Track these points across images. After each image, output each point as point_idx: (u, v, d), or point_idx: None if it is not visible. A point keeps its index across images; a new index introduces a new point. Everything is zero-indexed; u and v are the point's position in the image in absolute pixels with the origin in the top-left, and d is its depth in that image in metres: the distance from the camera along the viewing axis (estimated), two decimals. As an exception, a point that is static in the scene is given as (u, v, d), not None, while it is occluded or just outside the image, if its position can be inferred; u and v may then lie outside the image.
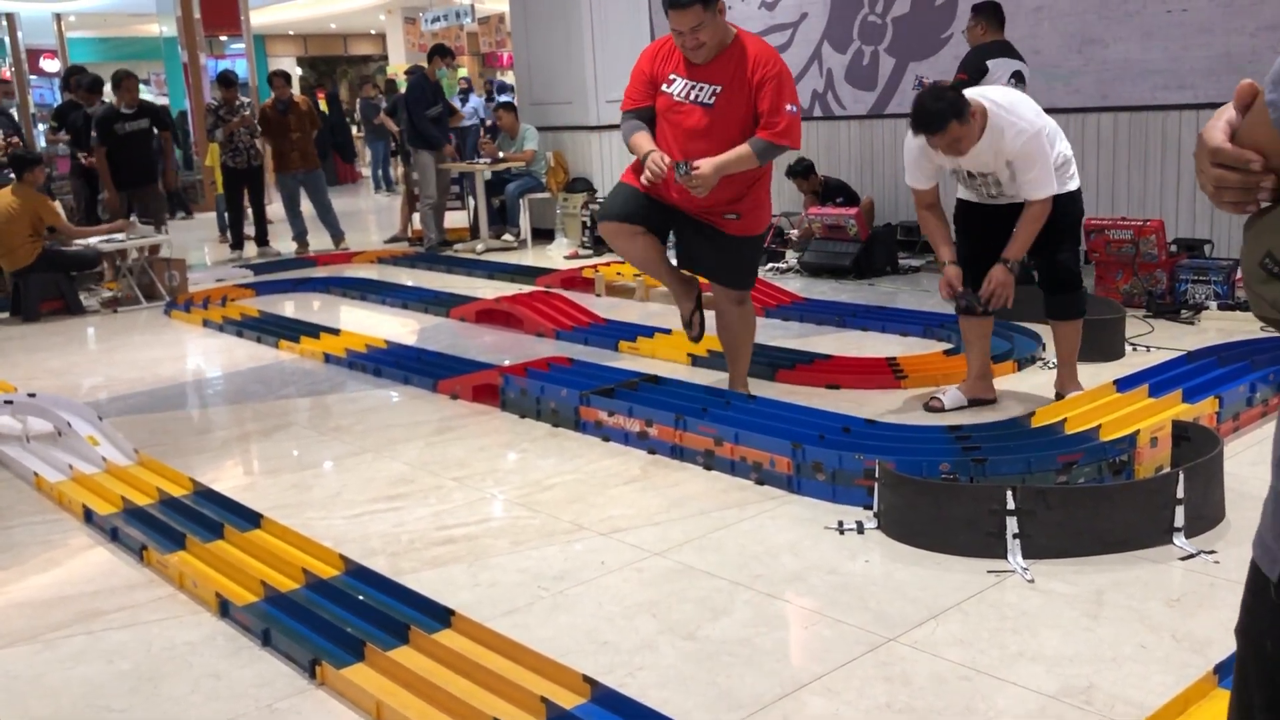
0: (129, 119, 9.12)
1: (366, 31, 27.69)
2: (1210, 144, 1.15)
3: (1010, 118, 4.08)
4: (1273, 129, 1.09)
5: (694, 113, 4.22)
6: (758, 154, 4.17)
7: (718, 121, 4.19)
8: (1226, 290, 5.95)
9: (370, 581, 3.09)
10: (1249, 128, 1.13)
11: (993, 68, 6.32)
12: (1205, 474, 3.22)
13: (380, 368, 5.68)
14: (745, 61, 4.18)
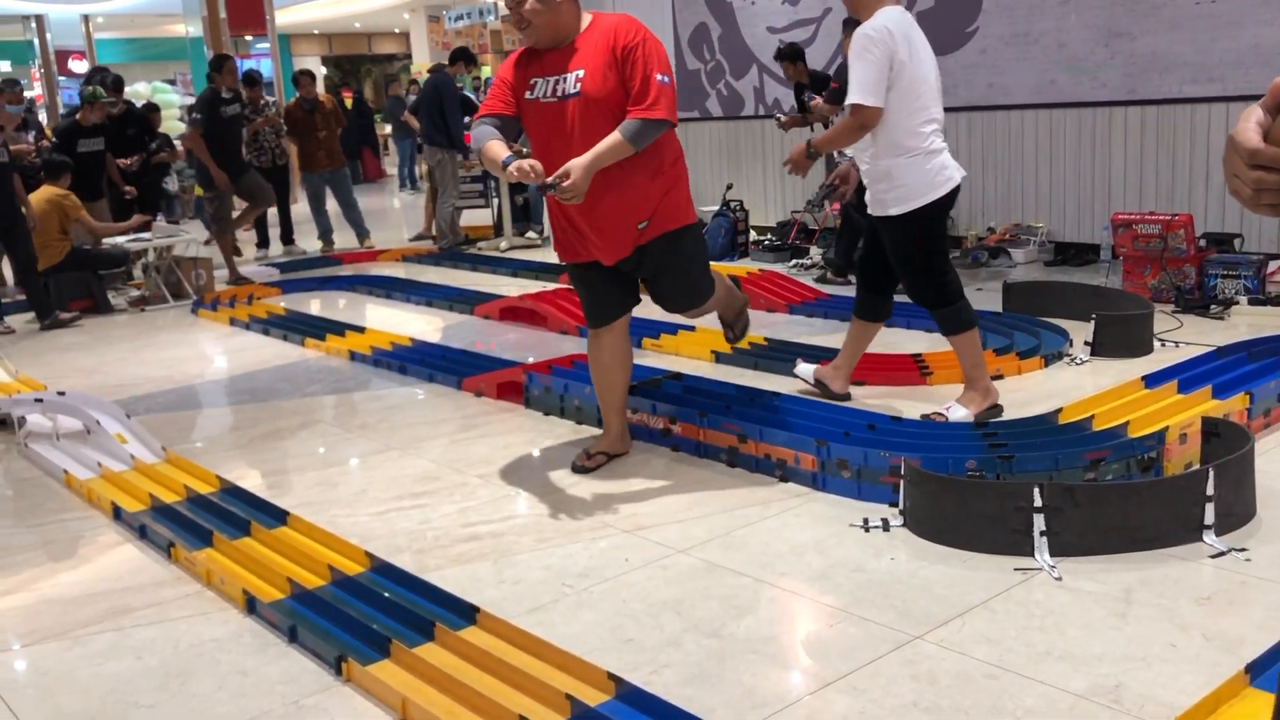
0: (228, 103, 9.21)
1: (390, 30, 27.78)
2: (1246, 146, 1.12)
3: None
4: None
5: (564, 108, 3.71)
6: (630, 138, 3.57)
7: (588, 109, 3.66)
8: (1257, 285, 5.89)
9: (396, 578, 3.10)
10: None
11: None
12: (1236, 471, 3.19)
13: (405, 365, 5.70)
14: (605, 36, 3.66)
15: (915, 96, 4.09)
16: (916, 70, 4.07)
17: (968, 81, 8.18)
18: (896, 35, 4.00)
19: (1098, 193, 7.58)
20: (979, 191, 8.28)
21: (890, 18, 4.02)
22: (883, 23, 3.99)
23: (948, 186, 4.18)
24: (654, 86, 3.60)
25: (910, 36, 4.07)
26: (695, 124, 10.29)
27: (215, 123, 9.00)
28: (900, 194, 4.15)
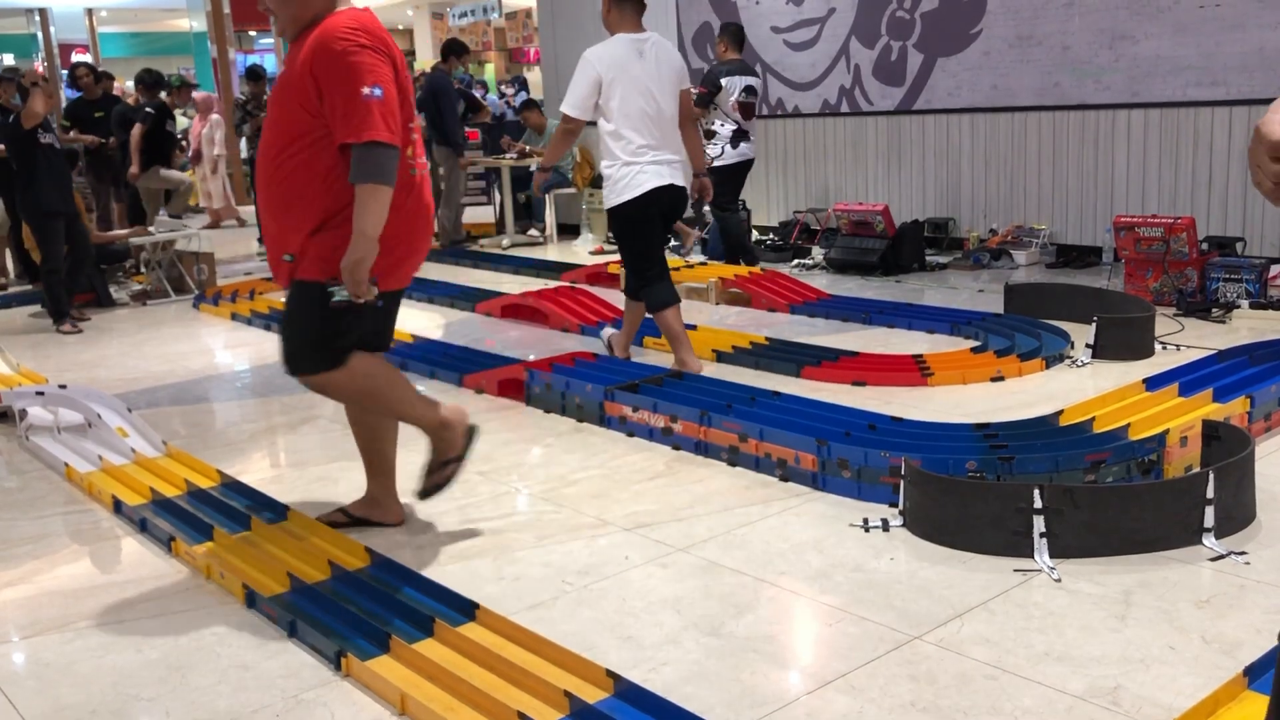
0: None
1: (394, 27, 27.74)
2: (1272, 138, 1.11)
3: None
4: None
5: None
6: (360, 176, 2.93)
7: (267, 130, 3.12)
8: (1259, 289, 5.89)
9: (396, 574, 3.11)
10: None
11: (726, 84, 7.56)
12: (1236, 474, 3.19)
13: (406, 362, 5.70)
14: (307, 45, 2.99)
15: (624, 115, 4.85)
16: (625, 91, 4.83)
17: (971, 83, 8.18)
18: (606, 60, 4.83)
19: (1100, 195, 7.59)
20: (981, 192, 8.28)
21: (613, 45, 4.87)
22: (602, 48, 4.85)
23: (638, 191, 4.89)
24: (359, 105, 2.91)
25: (626, 64, 4.84)
26: (698, 123, 10.28)
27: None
28: (609, 192, 4.98)
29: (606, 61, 4.83)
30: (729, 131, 7.65)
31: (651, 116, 4.89)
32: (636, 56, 4.86)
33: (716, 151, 7.61)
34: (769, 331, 5.94)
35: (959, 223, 8.42)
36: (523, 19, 20.57)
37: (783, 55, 9.48)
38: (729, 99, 7.57)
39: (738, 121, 7.65)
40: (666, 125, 4.95)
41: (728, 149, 7.67)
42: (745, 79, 7.65)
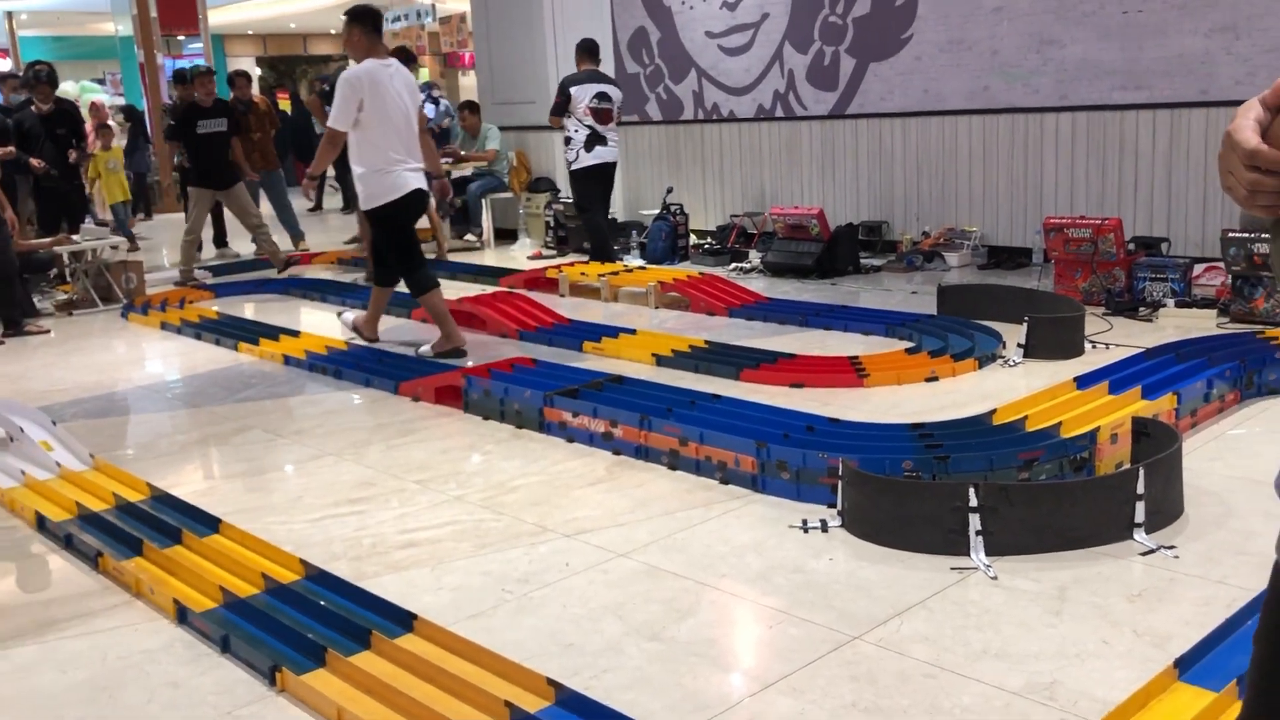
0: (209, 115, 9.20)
1: (327, 31, 27.44)
2: (1246, 145, 1.08)
3: None
4: None
5: None
6: None
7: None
8: (1184, 288, 6.03)
9: (331, 586, 3.05)
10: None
11: (576, 92, 8.17)
12: (1165, 470, 3.25)
13: (341, 370, 5.63)
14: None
15: (380, 129, 5.68)
16: (381, 109, 5.67)
17: (903, 87, 8.29)
18: (366, 80, 5.65)
19: (1030, 197, 7.72)
20: (914, 195, 8.39)
21: (366, 68, 5.69)
22: (359, 71, 5.68)
23: (400, 193, 5.75)
24: None
25: (380, 84, 5.69)
26: (635, 127, 10.30)
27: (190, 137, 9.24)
28: (365, 195, 5.82)
29: (366, 81, 5.66)
30: (583, 137, 8.13)
31: (401, 129, 5.75)
32: (388, 78, 5.75)
33: (572, 156, 8.23)
34: (708, 334, 5.95)
35: (892, 225, 8.52)
36: (457, 24, 20.43)
37: (717, 60, 9.52)
38: (580, 106, 8.12)
39: (592, 127, 8.10)
40: (412, 137, 5.82)
41: (582, 153, 8.17)
42: (597, 86, 8.20)
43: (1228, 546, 3.10)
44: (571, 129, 8.20)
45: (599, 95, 8.15)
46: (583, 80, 8.22)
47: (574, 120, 8.15)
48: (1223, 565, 2.98)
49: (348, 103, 5.65)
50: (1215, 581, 2.89)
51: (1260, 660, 1.24)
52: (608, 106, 8.20)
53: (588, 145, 8.17)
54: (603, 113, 8.18)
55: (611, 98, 8.25)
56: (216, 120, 9.13)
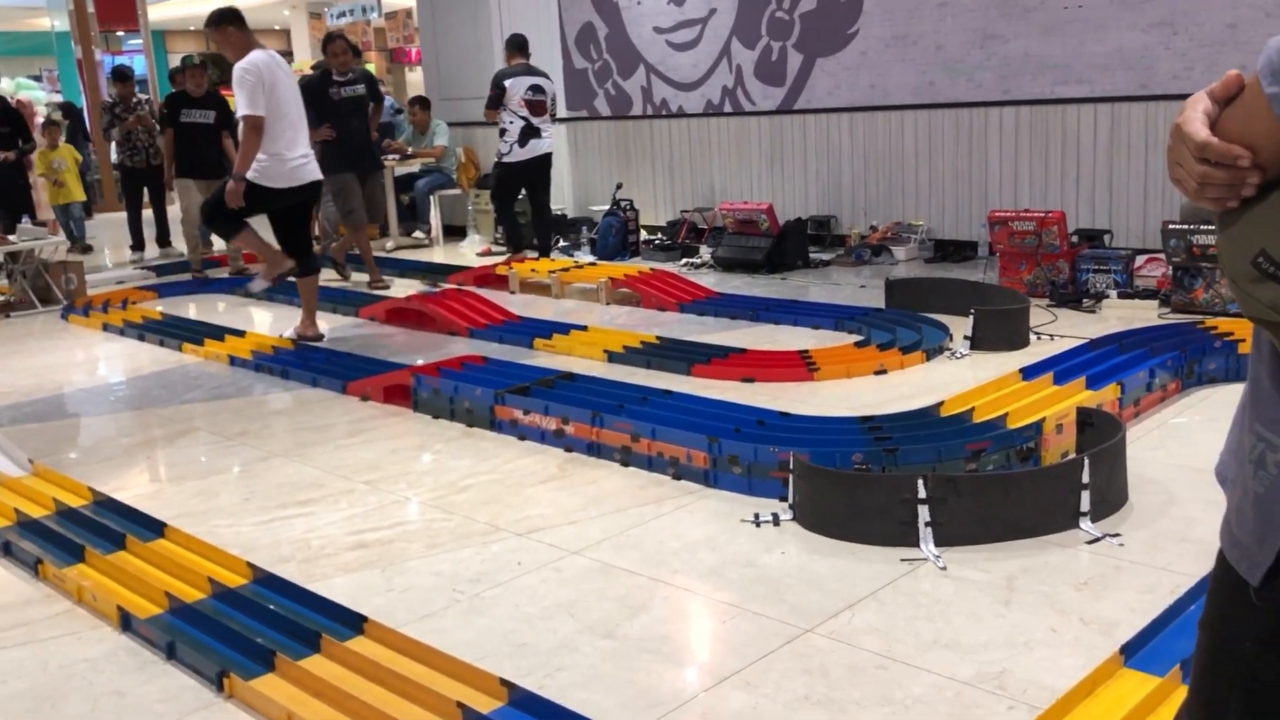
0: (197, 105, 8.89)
1: (271, 27, 27.07)
2: (1196, 139, 1.09)
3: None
4: (1270, 123, 1.04)
5: None
6: None
7: None
8: (1126, 279, 6.12)
9: (280, 589, 3.01)
10: (1237, 122, 1.09)
11: (510, 85, 8.28)
12: (1109, 459, 3.30)
13: (288, 370, 5.56)
14: None
15: (280, 115, 5.80)
16: (279, 95, 5.79)
17: (849, 82, 8.34)
18: (262, 68, 5.76)
19: (975, 191, 7.80)
20: (861, 190, 8.45)
21: (260, 58, 5.80)
22: (254, 61, 5.77)
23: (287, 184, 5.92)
24: None
25: (275, 72, 5.82)
26: (584, 123, 10.28)
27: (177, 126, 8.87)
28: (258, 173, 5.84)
29: (262, 69, 5.76)
30: (518, 130, 8.27)
31: (294, 119, 5.92)
32: (279, 68, 5.90)
33: (506, 148, 8.37)
34: (659, 330, 5.95)
35: (841, 220, 8.58)
36: (403, 19, 20.25)
37: (666, 55, 9.52)
38: (515, 98, 8.25)
39: (526, 119, 8.24)
40: (304, 126, 6.02)
41: (516, 146, 8.30)
42: (530, 79, 8.33)
43: (1171, 534, 3.16)
44: (506, 121, 8.32)
45: (533, 88, 8.28)
46: (516, 74, 8.34)
47: (509, 113, 8.28)
48: (1166, 552, 3.04)
49: (256, 90, 5.71)
50: (1159, 568, 2.94)
51: (1204, 646, 1.26)
52: (542, 99, 8.33)
53: (522, 138, 8.29)
54: (537, 105, 8.30)
55: (545, 90, 8.38)
56: (204, 111, 8.95)
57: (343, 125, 7.78)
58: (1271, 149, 1.06)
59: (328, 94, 7.77)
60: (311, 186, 6.10)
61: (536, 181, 8.49)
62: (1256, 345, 1.18)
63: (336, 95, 7.82)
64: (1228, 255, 1.12)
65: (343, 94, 7.84)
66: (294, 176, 5.92)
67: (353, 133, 7.82)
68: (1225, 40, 6.54)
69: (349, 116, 7.82)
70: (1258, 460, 1.15)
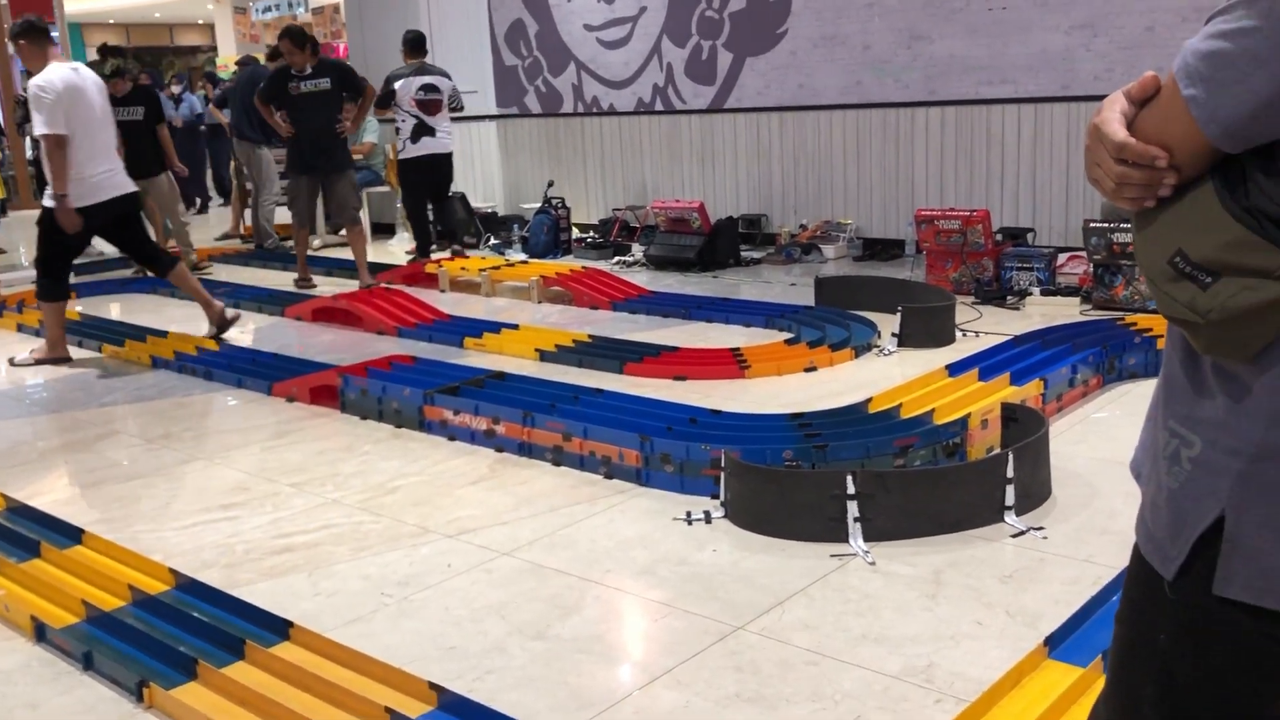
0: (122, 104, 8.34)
1: (194, 21, 26.56)
2: (1114, 139, 1.11)
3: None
4: (1188, 126, 1.06)
5: None
6: None
7: None
8: (1049, 276, 6.24)
9: (203, 595, 2.95)
10: (1154, 123, 1.10)
11: (400, 85, 8.32)
12: (1033, 454, 3.36)
13: (211, 370, 5.44)
14: None
15: (84, 131, 5.61)
16: (80, 111, 5.61)
17: (779, 82, 8.39)
18: (59, 84, 5.54)
19: (902, 190, 7.90)
20: (791, 189, 8.51)
21: (58, 73, 5.59)
22: (51, 77, 5.55)
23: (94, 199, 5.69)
24: None
25: (75, 86, 5.62)
26: (514, 120, 10.22)
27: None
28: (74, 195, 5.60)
29: (60, 85, 5.55)
30: (410, 128, 8.35)
31: (95, 134, 5.72)
32: (81, 81, 5.71)
33: (401, 146, 8.46)
34: (591, 329, 5.94)
35: (771, 218, 8.63)
36: (330, 14, 19.98)
37: (597, 53, 9.50)
38: (405, 98, 8.30)
39: (418, 117, 8.28)
40: (112, 139, 5.88)
41: (408, 143, 8.37)
42: (422, 79, 8.37)
43: (1093, 526, 3.22)
44: (400, 119, 8.40)
45: (424, 87, 8.32)
46: (407, 74, 8.41)
47: (402, 111, 8.35)
48: (1089, 545, 3.10)
49: (55, 108, 5.51)
50: (1082, 560, 3.00)
51: (1120, 639, 1.28)
52: (435, 97, 8.37)
53: (414, 136, 8.34)
54: (429, 104, 8.36)
55: (440, 89, 8.42)
56: (131, 109, 8.63)
57: (300, 123, 7.50)
58: (1187, 150, 1.07)
59: (286, 89, 7.49)
60: (122, 200, 5.85)
61: (433, 178, 8.56)
62: (1171, 342, 1.21)
63: (295, 90, 7.48)
64: (1145, 255, 1.13)
65: (302, 89, 7.48)
66: (97, 192, 5.71)
67: (312, 131, 7.48)
68: (1144, 42, 6.70)
69: (309, 113, 7.48)
70: (1171, 456, 1.17)
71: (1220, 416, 1.12)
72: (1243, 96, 1.02)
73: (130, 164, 8.57)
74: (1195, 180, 1.09)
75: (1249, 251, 1.04)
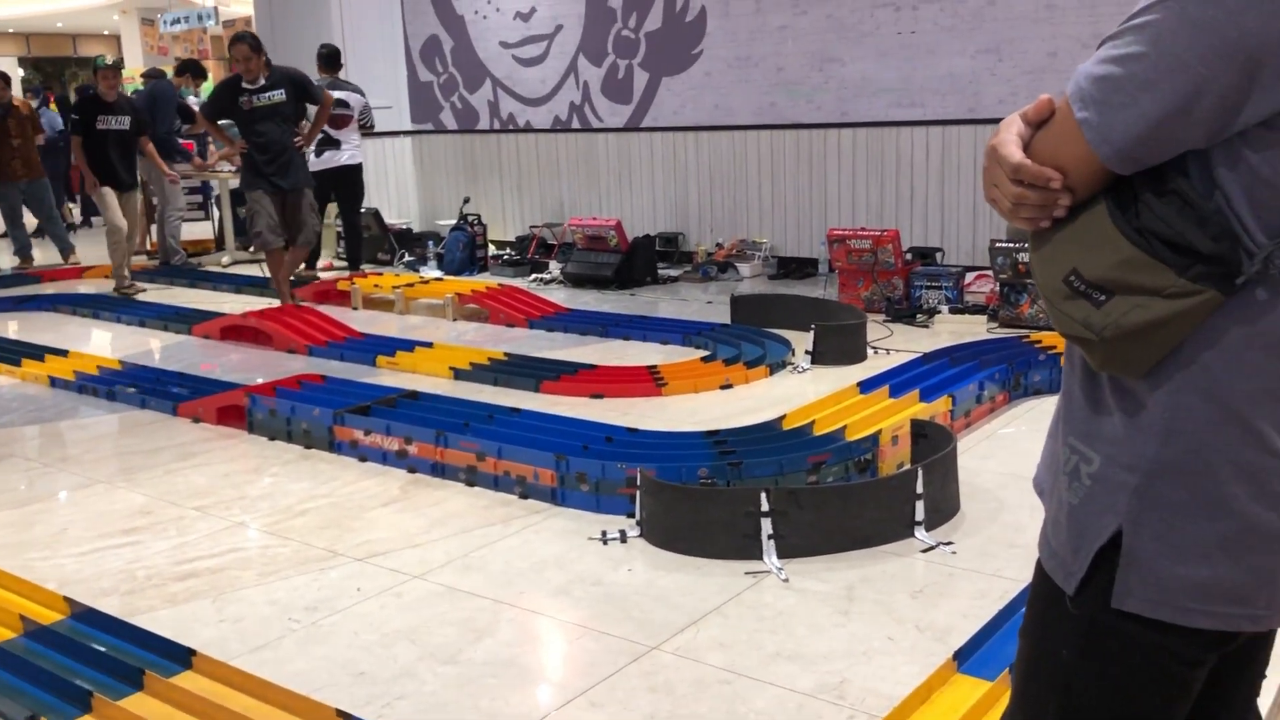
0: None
1: (99, 32, 25.88)
2: (1010, 161, 1.13)
3: None
4: (1081, 148, 1.08)
5: None
6: None
7: None
8: (957, 295, 6.37)
9: (100, 625, 2.84)
10: (1049, 145, 1.12)
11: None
12: (942, 469, 3.41)
13: (114, 391, 5.28)
14: None
15: None
16: None
17: (695, 102, 8.46)
18: None
19: (815, 209, 8.01)
20: (707, 208, 8.57)
21: None
22: None
23: None
24: None
25: None
26: (430, 136, 10.14)
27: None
28: None
29: None
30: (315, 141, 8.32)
31: None
32: None
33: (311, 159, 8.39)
34: (508, 347, 5.89)
35: (688, 237, 8.68)
36: (242, 27, 19.63)
37: (513, 70, 9.47)
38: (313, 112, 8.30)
39: (325, 131, 8.22)
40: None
41: (312, 156, 8.32)
42: (335, 94, 8.26)
43: (1000, 540, 3.28)
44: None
45: (336, 102, 8.28)
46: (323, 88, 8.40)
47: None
48: (997, 559, 3.15)
49: None
50: (990, 575, 3.05)
51: (1023, 654, 1.30)
52: (345, 112, 8.43)
53: (318, 149, 8.37)
54: (339, 118, 8.40)
55: (350, 104, 8.50)
56: (119, 118, 8.25)
57: (253, 137, 6.93)
58: (1081, 171, 1.10)
59: (237, 103, 6.91)
60: None
61: (340, 193, 8.50)
62: (1069, 360, 1.23)
63: (247, 104, 6.90)
64: (1041, 274, 1.16)
65: (254, 102, 6.91)
66: None
67: (267, 145, 6.93)
68: (1047, 67, 6.89)
69: (261, 126, 6.92)
70: (1071, 472, 1.19)
71: (1117, 433, 1.14)
72: (1133, 119, 1.05)
73: (111, 175, 8.27)
74: (1089, 201, 1.11)
75: (1140, 270, 1.06)
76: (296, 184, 7.12)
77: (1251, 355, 1.07)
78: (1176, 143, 1.06)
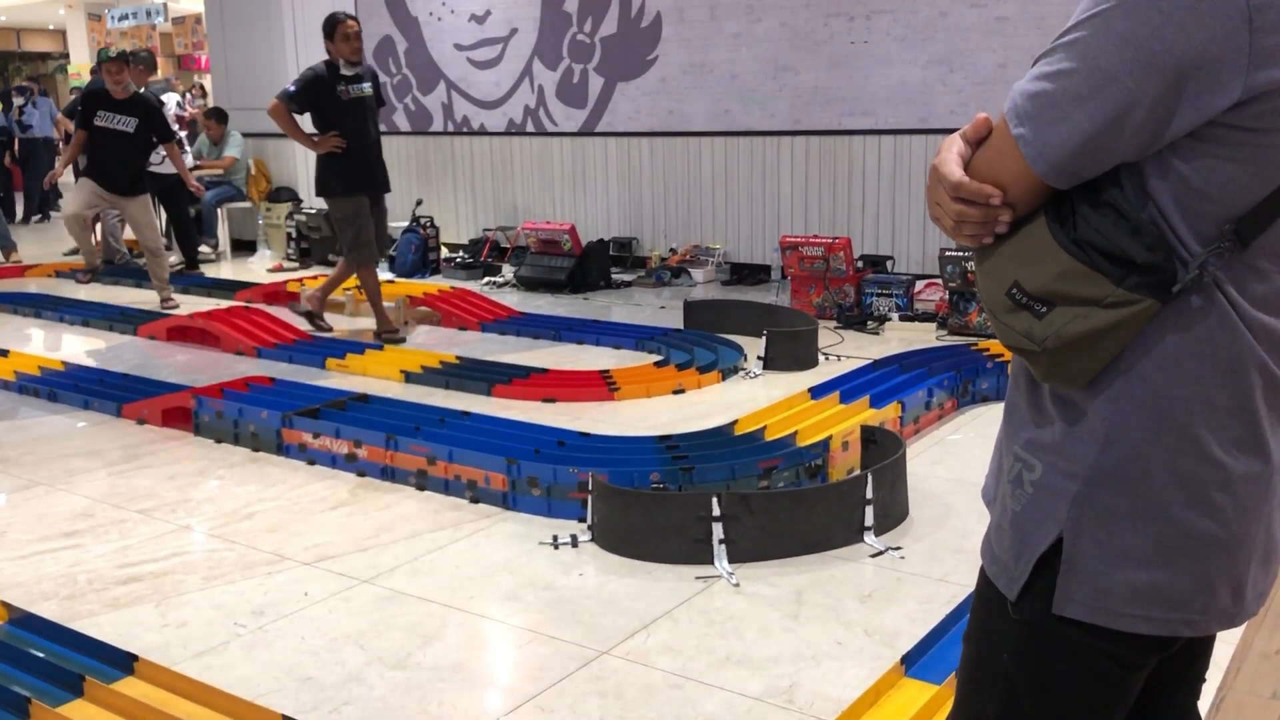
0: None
1: (44, 27, 25.41)
2: (951, 179, 1.15)
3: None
4: (1018, 164, 1.10)
5: None
6: None
7: None
8: (906, 303, 6.44)
9: (38, 630, 2.79)
10: (988, 162, 1.14)
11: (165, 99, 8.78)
12: (891, 475, 3.44)
13: (56, 392, 5.18)
14: None
15: None
16: None
17: (649, 107, 8.47)
18: None
19: (768, 216, 8.05)
20: (661, 213, 8.58)
21: None
22: None
23: None
24: None
25: None
26: (383, 138, 10.03)
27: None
28: None
29: None
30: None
31: None
32: None
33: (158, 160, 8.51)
34: (460, 350, 5.86)
35: (642, 242, 8.69)
36: (191, 24, 19.38)
37: (467, 73, 9.43)
38: None
39: None
40: None
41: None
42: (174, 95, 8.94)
43: (948, 545, 3.32)
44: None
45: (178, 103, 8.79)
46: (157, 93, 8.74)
47: None
48: (944, 564, 3.19)
49: None
50: (937, 580, 3.08)
51: (966, 659, 1.31)
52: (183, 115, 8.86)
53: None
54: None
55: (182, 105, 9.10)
56: (124, 118, 7.73)
57: (354, 132, 6.23)
58: (1020, 187, 1.12)
59: (335, 91, 6.17)
60: None
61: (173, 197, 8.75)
62: (1014, 371, 1.25)
63: (345, 95, 6.21)
64: (984, 287, 1.18)
65: (351, 93, 6.24)
66: None
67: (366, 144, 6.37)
68: (997, 79, 6.99)
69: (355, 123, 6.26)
70: (1015, 479, 1.21)
71: (1059, 441, 1.16)
72: (1066, 133, 1.07)
73: (108, 177, 7.72)
74: (1029, 216, 1.13)
75: (1079, 281, 1.08)
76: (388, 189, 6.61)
77: (1188, 363, 1.10)
78: (1110, 155, 1.08)
